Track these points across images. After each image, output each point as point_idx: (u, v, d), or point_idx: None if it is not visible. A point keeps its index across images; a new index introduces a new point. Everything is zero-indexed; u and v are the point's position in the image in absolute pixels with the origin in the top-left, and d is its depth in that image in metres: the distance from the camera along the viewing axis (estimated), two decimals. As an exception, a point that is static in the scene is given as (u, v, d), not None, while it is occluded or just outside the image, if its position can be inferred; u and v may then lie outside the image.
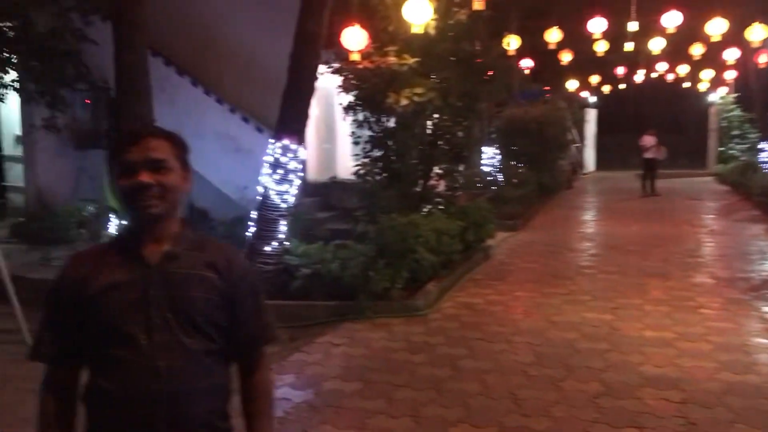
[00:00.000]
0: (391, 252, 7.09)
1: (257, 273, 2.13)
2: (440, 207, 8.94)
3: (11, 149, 12.58)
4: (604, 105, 30.66)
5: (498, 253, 10.10)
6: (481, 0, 7.48)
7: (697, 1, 14.61)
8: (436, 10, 8.00)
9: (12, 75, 10.27)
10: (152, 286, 1.85)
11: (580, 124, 24.64)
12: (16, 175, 12.42)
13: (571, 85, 22.85)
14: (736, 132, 25.78)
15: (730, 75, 22.44)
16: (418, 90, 7.89)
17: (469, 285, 8.17)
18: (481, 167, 12.53)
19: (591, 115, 28.72)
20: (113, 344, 1.82)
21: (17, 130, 11.95)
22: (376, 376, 5.21)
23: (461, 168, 9.35)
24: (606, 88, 26.87)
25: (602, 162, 30.76)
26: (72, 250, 7.52)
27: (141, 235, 1.89)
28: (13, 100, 11.07)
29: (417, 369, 5.36)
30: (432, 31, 7.98)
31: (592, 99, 28.20)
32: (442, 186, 9.43)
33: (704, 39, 16.94)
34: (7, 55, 9.96)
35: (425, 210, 8.92)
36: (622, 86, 26.82)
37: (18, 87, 10.27)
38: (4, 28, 9.87)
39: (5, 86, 10.25)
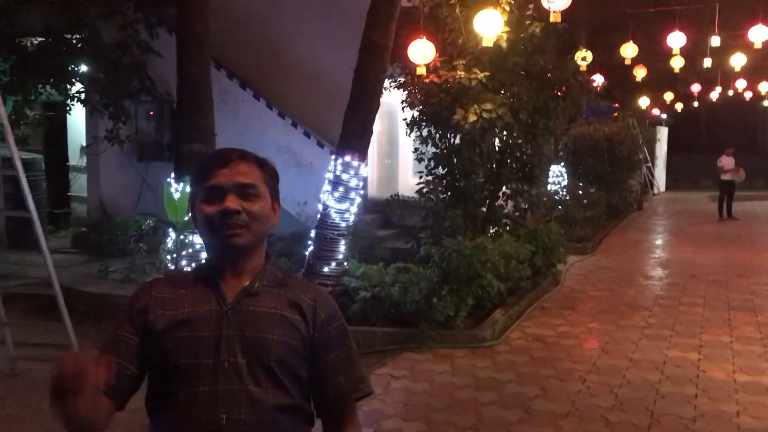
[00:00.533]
0: (457, 277, 6.66)
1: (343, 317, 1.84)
2: (507, 229, 8.47)
3: (77, 160, 12.71)
4: (675, 123, 29.53)
5: (567, 278, 9.54)
6: (558, 13, 7.02)
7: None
8: (508, 23, 7.60)
9: (78, 86, 10.34)
10: (225, 325, 1.64)
11: (650, 142, 23.68)
12: (80, 185, 12.53)
13: (642, 102, 22.00)
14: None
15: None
16: (488, 106, 7.47)
17: (537, 314, 7.67)
18: (549, 187, 12.01)
19: (662, 134, 27.62)
20: (174, 386, 1.63)
21: (83, 141, 12.05)
22: (440, 416, 4.79)
23: (531, 188, 8.85)
24: (678, 106, 25.82)
25: (672, 182, 29.59)
26: (128, 263, 7.35)
27: (221, 267, 1.71)
28: (80, 111, 11.16)
29: (484, 410, 4.92)
30: (504, 44, 7.55)
31: (663, 117, 27.12)
32: (509, 206, 8.97)
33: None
34: (74, 67, 10.02)
35: (491, 232, 8.48)
36: (695, 104, 25.76)
37: (83, 98, 10.33)
38: (72, 40, 9.94)
39: (72, 97, 10.32)
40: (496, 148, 8.41)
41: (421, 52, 7.51)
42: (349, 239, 7.24)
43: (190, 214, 1.82)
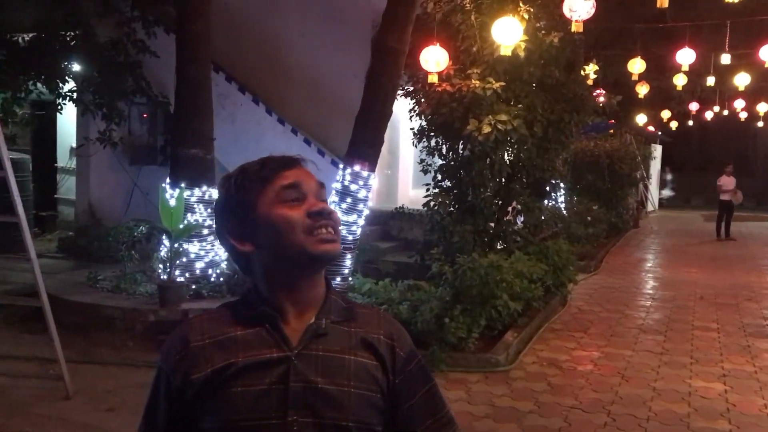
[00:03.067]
0: (470, 297, 6.31)
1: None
2: (517, 246, 8.13)
3: (65, 161, 12.29)
4: (668, 141, 29.46)
5: (575, 298, 9.22)
6: (580, 22, 6.72)
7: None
8: (525, 31, 7.29)
9: (70, 85, 9.93)
10: (293, 376, 1.30)
11: (646, 160, 23.53)
12: (68, 187, 12.11)
13: (639, 119, 21.86)
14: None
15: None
16: (502, 117, 7.15)
17: (549, 336, 7.33)
18: (557, 203, 11.74)
19: (657, 152, 27.53)
20: None
21: (73, 142, 11.63)
22: (460, 451, 4.42)
23: (542, 203, 8.54)
24: (673, 124, 25.74)
25: (665, 200, 29.48)
26: (118, 271, 6.86)
27: (279, 299, 1.36)
28: (71, 111, 10.74)
29: (507, 443, 4.57)
30: (521, 54, 7.23)
31: (659, 134, 27.04)
32: (518, 222, 8.64)
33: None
34: (67, 64, 9.62)
35: (499, 248, 8.15)
36: (689, 123, 25.69)
37: (75, 97, 9.92)
38: (66, 37, 9.55)
39: (63, 96, 9.91)
40: (507, 162, 8.08)
41: (435, 59, 7.16)
42: (355, 253, 6.88)
43: (223, 230, 1.41)
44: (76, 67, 9.77)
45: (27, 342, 6.41)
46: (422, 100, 7.98)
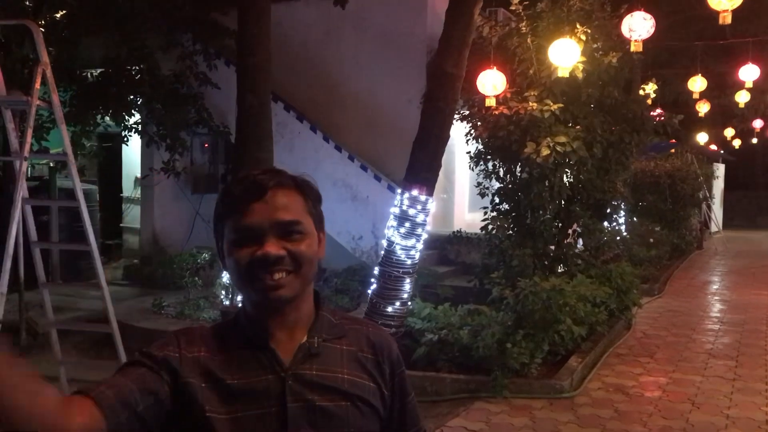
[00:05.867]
0: (532, 321, 6.22)
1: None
2: (579, 269, 7.99)
3: (130, 191, 12.69)
4: (731, 160, 28.61)
5: (638, 322, 8.97)
6: (639, 42, 6.64)
7: None
8: (583, 53, 7.23)
9: (136, 117, 10.29)
10: (289, 397, 1.31)
11: (708, 179, 22.88)
12: (133, 216, 12.48)
13: (700, 138, 21.33)
14: None
15: None
16: (561, 139, 7.08)
17: (614, 361, 7.14)
18: (618, 225, 11.51)
19: (720, 171, 26.73)
20: None
21: (137, 173, 12.02)
22: (527, 479, 4.35)
23: (603, 225, 8.38)
24: (736, 142, 25.01)
25: (728, 221, 28.51)
26: (182, 298, 7.03)
27: (266, 322, 1.36)
28: (135, 143, 11.12)
29: (575, 472, 4.46)
30: (579, 75, 7.18)
31: (721, 153, 26.30)
32: (579, 245, 8.50)
33: None
34: (133, 97, 9.98)
35: (560, 271, 8.02)
36: (753, 140, 24.93)
37: (140, 129, 10.28)
38: (132, 71, 9.92)
39: (129, 128, 10.28)
40: (567, 183, 7.98)
41: (492, 82, 7.18)
42: (414, 278, 6.87)
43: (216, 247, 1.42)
44: (140, 99, 10.14)
45: (97, 367, 6.58)
46: (479, 123, 7.97)
